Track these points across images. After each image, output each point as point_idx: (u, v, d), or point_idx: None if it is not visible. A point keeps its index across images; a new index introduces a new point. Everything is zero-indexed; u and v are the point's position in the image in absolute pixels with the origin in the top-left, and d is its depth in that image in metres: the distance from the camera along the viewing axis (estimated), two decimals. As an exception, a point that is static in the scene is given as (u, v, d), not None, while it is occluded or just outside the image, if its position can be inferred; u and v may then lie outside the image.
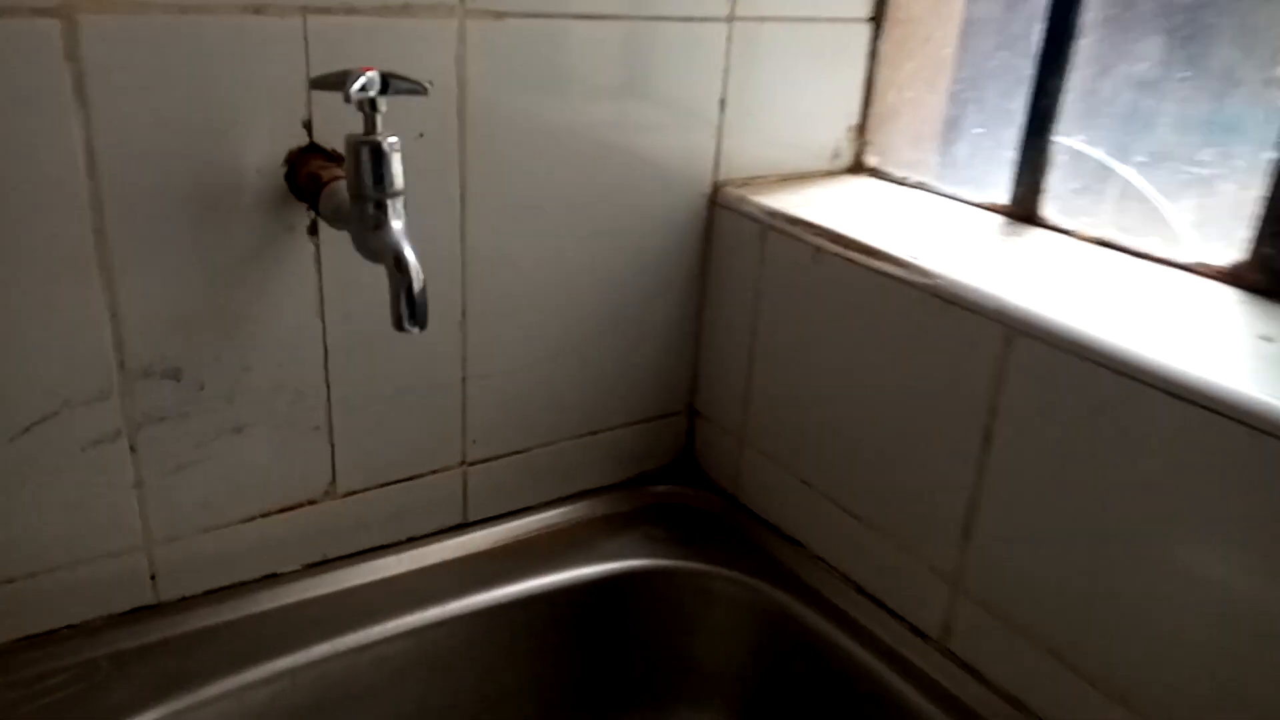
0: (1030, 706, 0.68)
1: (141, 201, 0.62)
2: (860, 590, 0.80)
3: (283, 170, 0.66)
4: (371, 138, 0.55)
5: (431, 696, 0.78)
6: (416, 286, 0.55)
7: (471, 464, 0.84)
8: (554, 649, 0.82)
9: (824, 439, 0.81)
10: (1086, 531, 0.63)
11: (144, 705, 0.65)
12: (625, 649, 0.85)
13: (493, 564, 0.82)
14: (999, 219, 0.82)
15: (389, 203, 0.56)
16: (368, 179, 0.55)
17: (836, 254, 0.76)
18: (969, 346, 0.67)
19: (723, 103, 0.84)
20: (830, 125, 0.91)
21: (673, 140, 0.83)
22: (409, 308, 0.55)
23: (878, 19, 0.89)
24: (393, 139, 0.56)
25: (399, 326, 0.55)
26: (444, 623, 0.77)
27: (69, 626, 0.70)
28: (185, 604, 0.73)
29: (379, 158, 0.55)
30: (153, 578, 0.72)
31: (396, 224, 0.56)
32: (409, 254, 0.55)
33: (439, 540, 0.83)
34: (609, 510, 0.91)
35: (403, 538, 0.82)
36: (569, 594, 0.82)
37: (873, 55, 0.90)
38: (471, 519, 0.86)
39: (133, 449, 0.68)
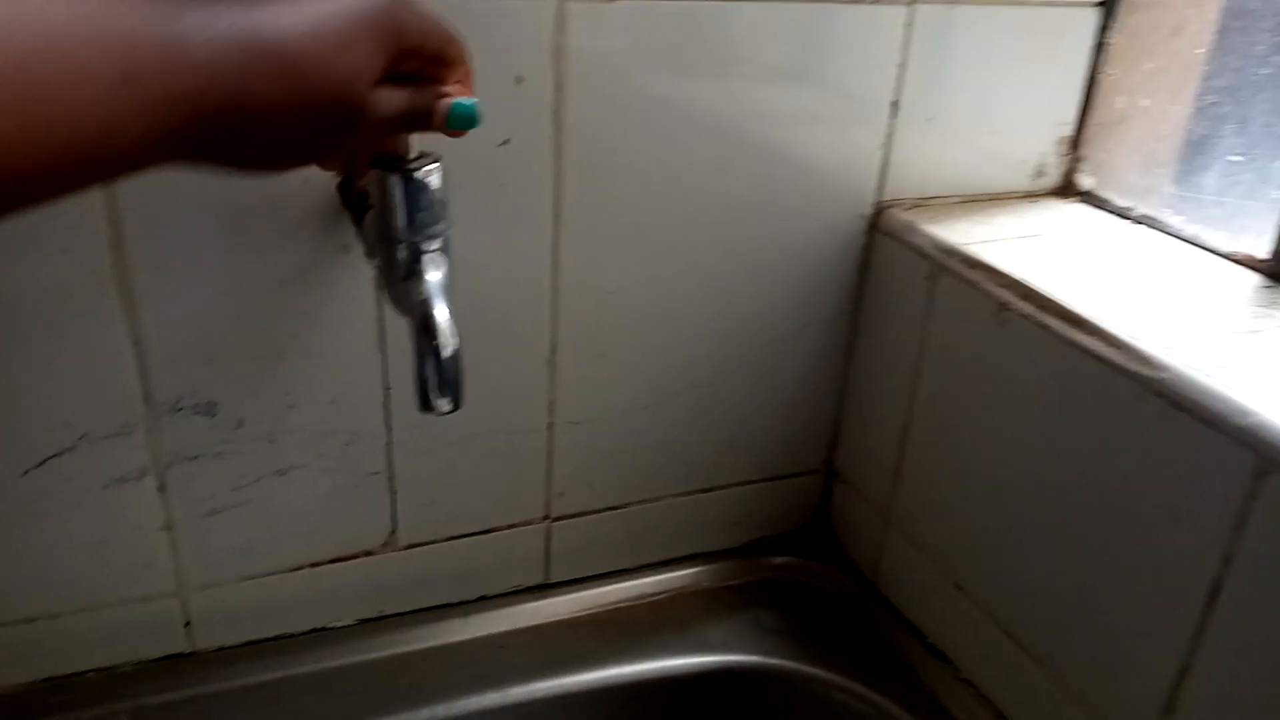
0: None
1: (165, 214, 0.53)
2: (1018, 736, 0.63)
3: (335, 180, 0.55)
4: (405, 162, 0.42)
5: (483, 792, 0.67)
6: (445, 353, 0.42)
7: (556, 519, 0.72)
8: (633, 750, 0.70)
9: (991, 541, 0.64)
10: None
11: (153, 780, 0.58)
12: (718, 757, 0.72)
13: (571, 638, 0.70)
14: (1255, 279, 0.61)
15: (424, 248, 0.43)
16: (397, 218, 0.43)
17: (1028, 316, 0.58)
18: (1204, 471, 0.49)
19: (895, 105, 0.66)
20: (1035, 135, 0.72)
21: (827, 148, 0.66)
22: (437, 378, 0.43)
23: (1109, 3, 0.69)
24: (432, 165, 0.43)
25: (424, 405, 0.43)
26: (507, 708, 0.66)
27: (94, 670, 0.63)
28: (223, 655, 0.66)
29: (414, 191, 0.42)
30: (187, 625, 0.64)
31: (432, 276, 0.44)
32: (441, 315, 0.43)
33: (514, 603, 0.72)
34: (715, 582, 0.77)
35: (473, 596, 0.72)
36: (654, 689, 0.69)
37: (1099, 49, 0.70)
38: (554, 580, 0.74)
39: (161, 489, 0.59)
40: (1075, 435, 0.56)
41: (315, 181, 0.54)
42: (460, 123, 0.38)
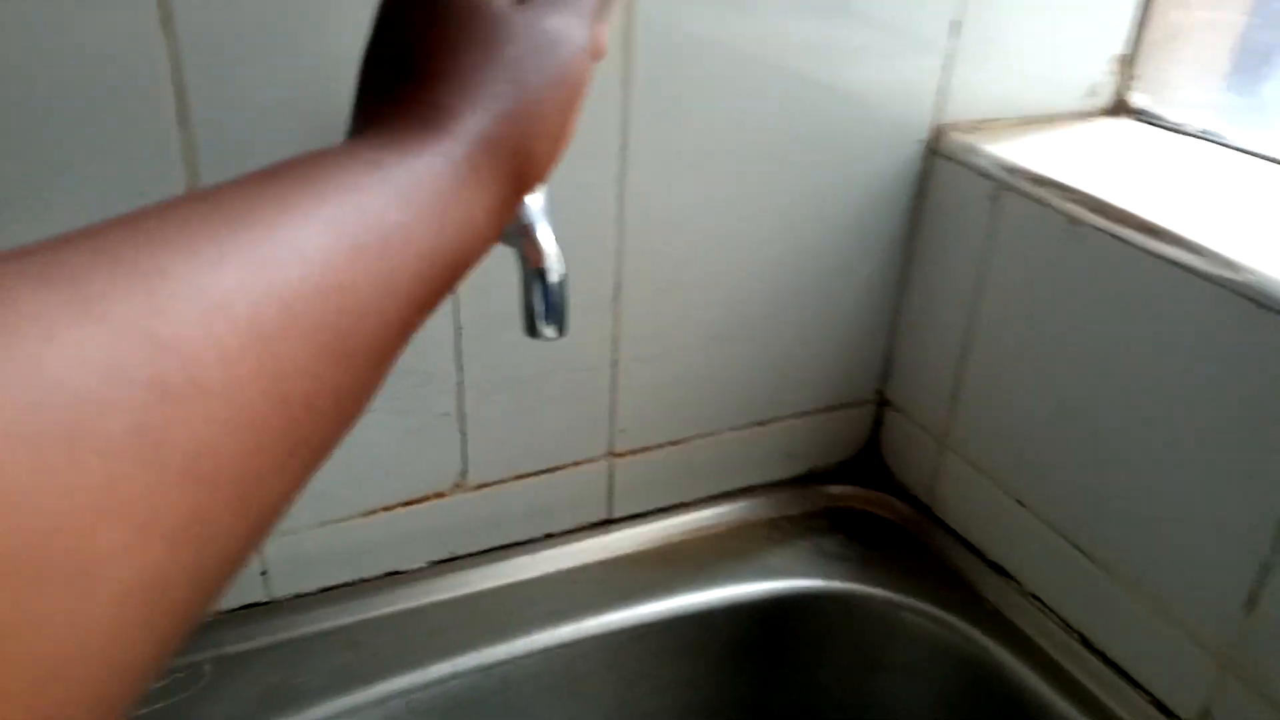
0: (1315, 827, 0.52)
1: (240, 150, 0.52)
2: (1088, 645, 0.64)
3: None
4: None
5: (564, 723, 0.68)
6: (554, 280, 0.42)
7: (619, 455, 0.72)
8: (705, 678, 0.71)
9: (1057, 456, 0.64)
10: None
11: (246, 724, 0.58)
12: (788, 683, 0.73)
13: (638, 571, 0.71)
14: (1323, 186, 0.61)
15: (524, 169, 0.43)
16: (498, 138, 0.42)
17: (1102, 229, 0.58)
18: (1292, 372, 0.49)
19: (956, 25, 0.66)
20: (1090, 54, 0.71)
21: (888, 71, 0.66)
22: (545, 306, 0.43)
23: (1165, -87, 0.68)
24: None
25: (531, 331, 0.43)
26: (580, 641, 0.66)
27: (175, 621, 0.63)
28: (299, 602, 0.66)
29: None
30: (263, 573, 0.64)
31: (533, 199, 0.43)
32: (546, 238, 0.42)
33: (580, 539, 0.73)
34: (775, 513, 0.77)
35: (540, 534, 0.72)
36: (724, 616, 0.70)
37: (1154, -38, 0.70)
38: (617, 515, 0.74)
39: (238, 436, 0.59)
40: (1154, 344, 0.56)
41: (387, 116, 0.54)
42: None
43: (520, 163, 0.29)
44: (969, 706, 0.68)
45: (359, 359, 0.21)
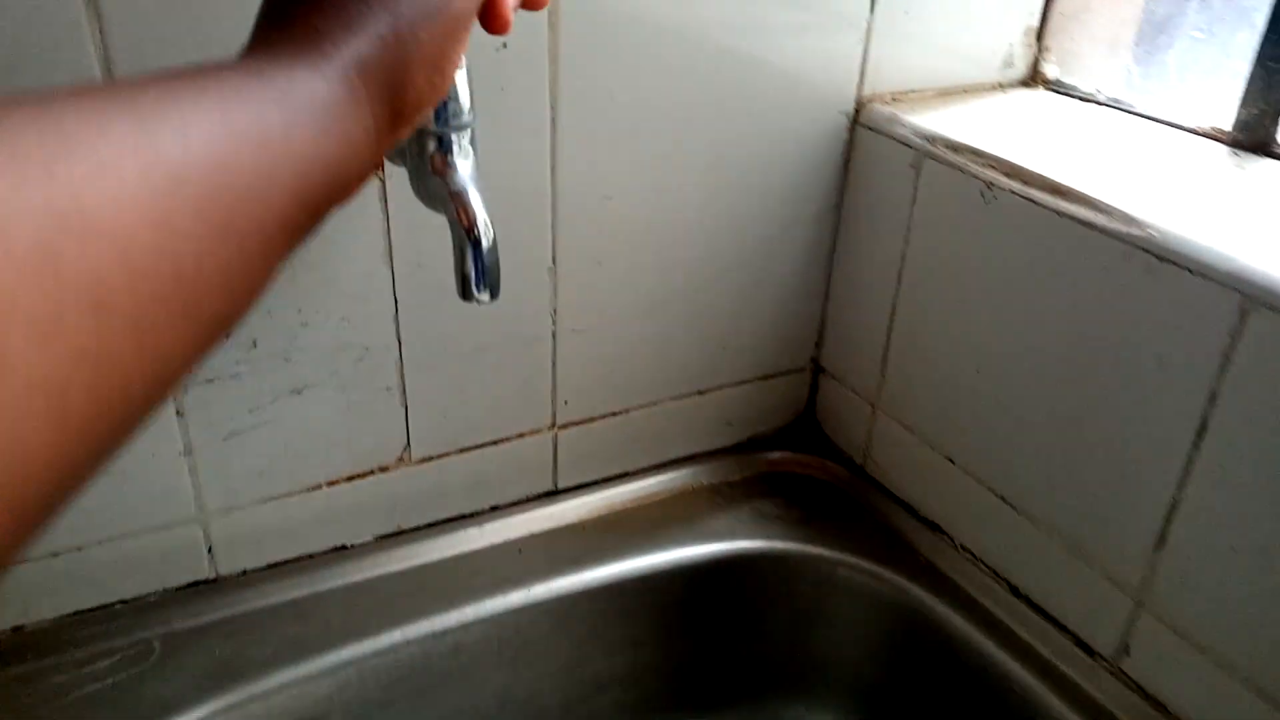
0: (1219, 744, 0.56)
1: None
2: (1015, 592, 0.68)
3: (338, 90, 0.55)
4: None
5: (515, 688, 0.69)
6: (485, 244, 0.44)
7: (563, 426, 0.74)
8: (651, 638, 0.73)
9: (981, 413, 0.67)
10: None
11: (197, 697, 0.59)
12: (732, 641, 0.75)
13: (584, 539, 0.73)
14: (1220, 149, 0.65)
15: (454, 138, 0.44)
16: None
17: (1014, 192, 0.61)
18: (1188, 317, 0.52)
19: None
20: (1004, 28, 0.74)
21: (812, 46, 0.68)
22: (476, 271, 0.44)
23: (1070, -110, 0.71)
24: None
25: (465, 294, 0.44)
26: (528, 607, 0.68)
27: (121, 601, 0.64)
28: (246, 579, 0.66)
29: (440, 79, 0.43)
30: (210, 550, 0.65)
31: (463, 165, 0.45)
32: (476, 204, 0.44)
33: (525, 510, 0.74)
34: (716, 479, 0.79)
35: (485, 506, 0.73)
36: (669, 578, 0.72)
37: (1061, -63, 0.73)
38: (562, 486, 0.76)
39: (179, 414, 0.60)
40: (1064, 300, 0.59)
41: (319, 92, 0.54)
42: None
43: (397, 90, 0.32)
44: (905, 656, 0.71)
45: (246, 242, 0.24)
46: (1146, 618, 0.59)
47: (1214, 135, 0.66)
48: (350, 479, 0.67)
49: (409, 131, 0.35)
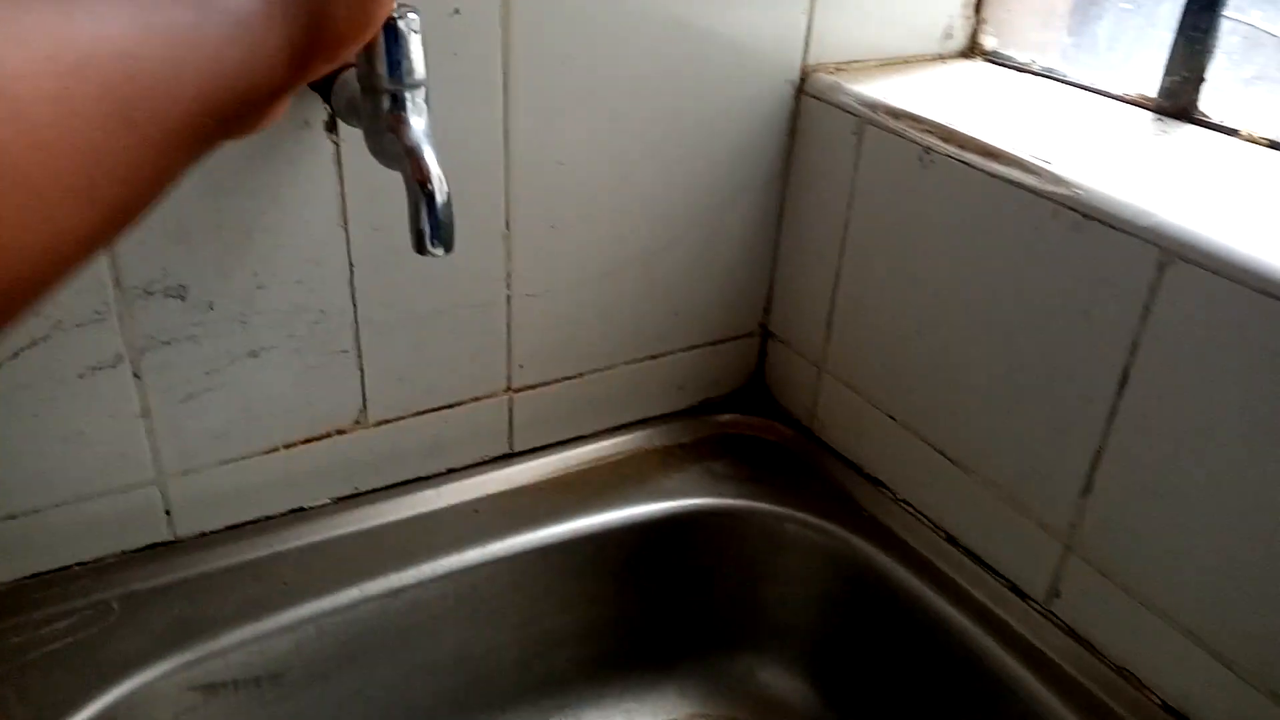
0: (1143, 678, 0.60)
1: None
2: (953, 541, 0.71)
3: (291, 53, 0.55)
4: (384, 12, 0.44)
5: (472, 644, 0.71)
6: (440, 199, 0.45)
7: (518, 390, 0.75)
8: (606, 594, 0.75)
9: (920, 371, 0.70)
10: (1236, 501, 0.52)
11: (157, 654, 0.60)
12: (684, 595, 0.78)
13: (540, 499, 0.75)
14: (1146, 115, 0.68)
15: (407, 96, 0.45)
16: (380, 66, 0.44)
17: (950, 155, 0.63)
18: (1111, 271, 0.55)
19: (814, -29, 0.70)
20: (943, 0, 0.77)
21: (758, 17, 0.70)
22: (431, 225, 0.45)
23: None
24: (413, 15, 0.45)
25: (420, 248, 0.46)
26: (486, 564, 0.70)
27: (79, 564, 0.64)
28: (204, 540, 0.67)
29: (394, 40, 0.44)
30: (168, 513, 0.66)
31: (417, 122, 0.46)
32: (430, 160, 0.45)
33: (482, 472, 0.76)
34: (668, 441, 0.82)
35: (442, 469, 0.75)
36: (623, 535, 0.74)
37: (997, -88, 0.75)
38: (517, 449, 0.78)
39: (136, 376, 0.60)
40: (996, 259, 0.62)
41: (272, 54, 0.55)
42: None
43: (315, 17, 0.33)
44: (849, 606, 0.74)
45: (148, 132, 0.25)
46: (1075, 561, 0.62)
47: (1140, 102, 0.69)
48: (308, 441, 0.68)
49: (329, 67, 0.36)
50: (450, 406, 0.73)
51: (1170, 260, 0.52)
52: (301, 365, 0.65)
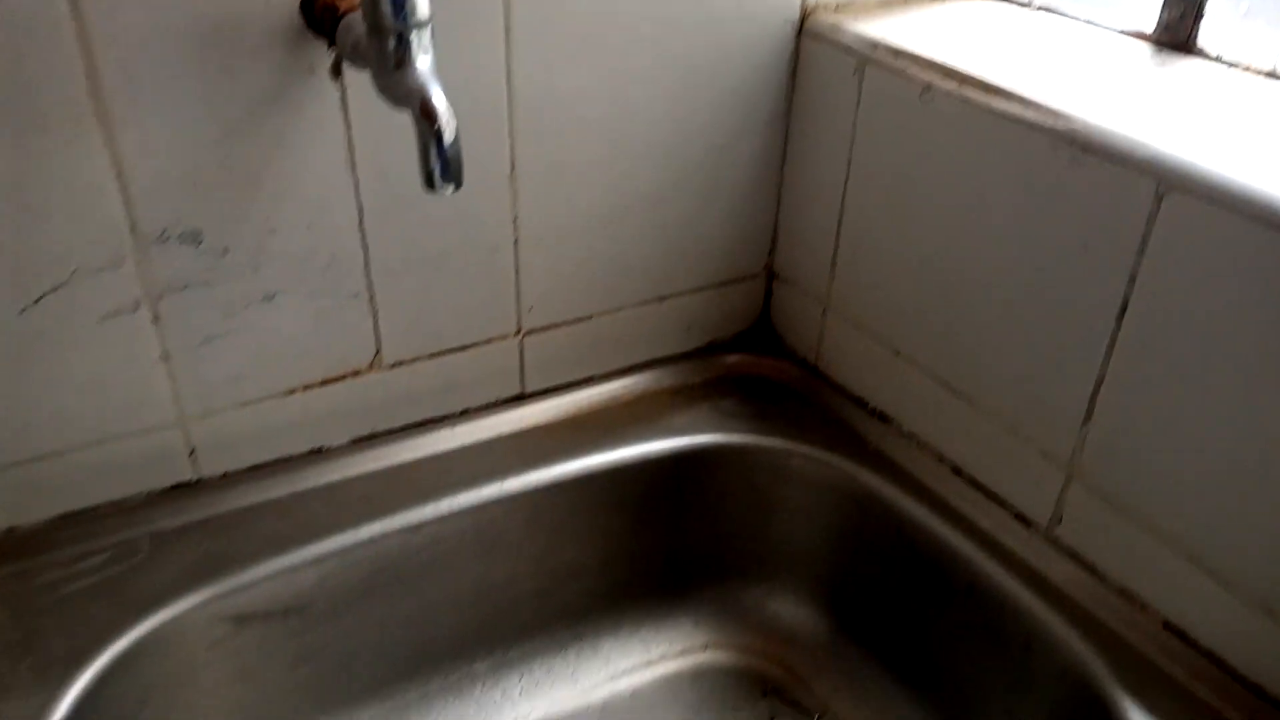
0: (1144, 599, 0.61)
1: (134, 38, 0.54)
2: (957, 472, 0.72)
3: (295, 2, 0.56)
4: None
5: (490, 575, 0.73)
6: (448, 136, 0.46)
7: (528, 333, 0.77)
8: (618, 528, 0.77)
9: (924, 306, 0.71)
10: (1233, 427, 0.53)
11: (187, 587, 0.62)
12: (695, 528, 0.80)
13: (552, 438, 0.76)
14: (1145, 48, 0.68)
15: (413, 36, 0.46)
16: (386, 7, 0.45)
17: (950, 92, 0.64)
18: (1109, 203, 0.56)
19: (815, -93, 0.70)
20: (943, -67, 0.77)
21: (755, -45, 0.70)
22: (440, 162, 0.46)
23: None
24: (415, -45, 0.45)
25: (429, 185, 0.47)
26: (502, 500, 0.72)
27: (109, 503, 0.66)
28: (227, 480, 0.69)
29: (399, -22, 0.45)
30: (191, 453, 0.68)
31: (422, 61, 0.47)
32: (438, 97, 0.46)
33: (495, 413, 0.77)
34: (677, 381, 0.83)
35: (456, 410, 0.77)
36: (634, 470, 0.76)
37: None
38: (529, 390, 0.79)
39: (155, 320, 0.62)
40: (997, 193, 0.63)
41: (276, 1, 0.56)
42: None
43: None
44: (856, 536, 0.76)
45: None
46: (1077, 487, 0.64)
47: (1140, 36, 0.69)
48: (324, 383, 0.70)
49: None
50: (463, 349, 0.74)
51: (1168, 190, 0.53)
52: (315, 309, 0.67)
